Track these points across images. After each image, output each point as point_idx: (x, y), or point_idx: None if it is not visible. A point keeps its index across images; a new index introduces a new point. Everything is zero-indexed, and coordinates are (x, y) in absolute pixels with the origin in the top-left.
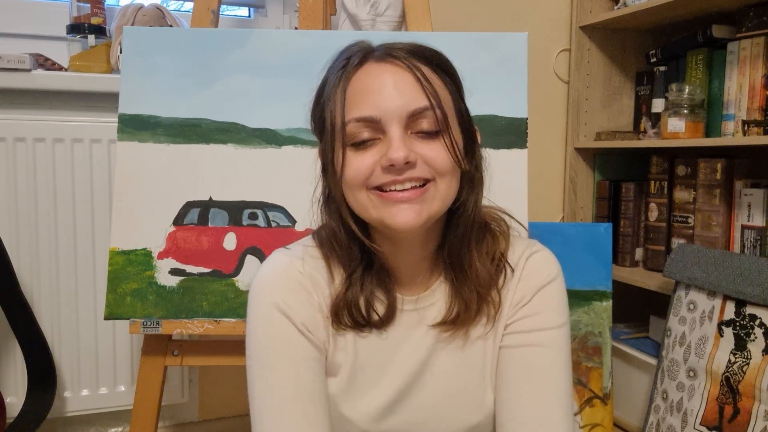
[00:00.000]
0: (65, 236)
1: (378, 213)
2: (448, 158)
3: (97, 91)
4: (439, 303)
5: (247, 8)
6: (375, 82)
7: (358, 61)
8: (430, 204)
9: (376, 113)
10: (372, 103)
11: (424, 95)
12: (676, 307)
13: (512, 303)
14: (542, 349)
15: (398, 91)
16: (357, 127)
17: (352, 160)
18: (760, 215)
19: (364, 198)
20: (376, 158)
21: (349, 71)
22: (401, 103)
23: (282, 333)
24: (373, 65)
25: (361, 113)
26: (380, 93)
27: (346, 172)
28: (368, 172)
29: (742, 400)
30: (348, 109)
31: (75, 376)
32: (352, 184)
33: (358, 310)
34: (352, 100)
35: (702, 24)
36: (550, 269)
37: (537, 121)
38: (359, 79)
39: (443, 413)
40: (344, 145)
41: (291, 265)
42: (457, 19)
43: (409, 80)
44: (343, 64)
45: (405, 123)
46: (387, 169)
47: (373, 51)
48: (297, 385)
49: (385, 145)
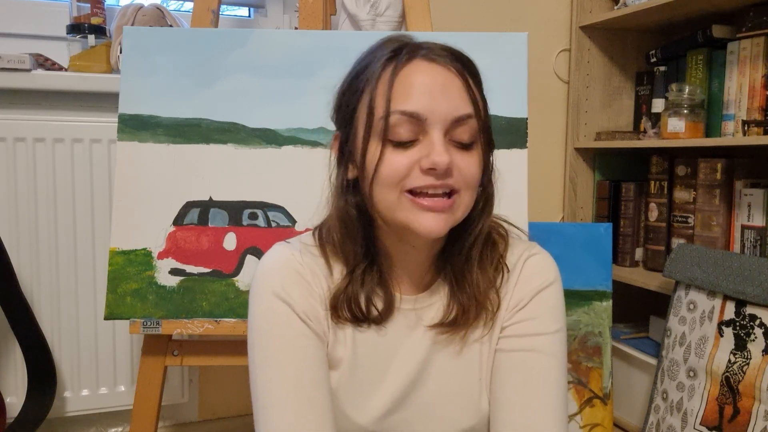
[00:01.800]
0: (65, 236)
1: (405, 216)
2: (478, 171)
3: (97, 91)
4: (437, 304)
5: (247, 8)
6: (425, 80)
7: (408, 55)
8: (454, 214)
9: (423, 111)
10: (420, 100)
11: (470, 103)
12: (676, 307)
13: (509, 306)
14: (537, 354)
15: (447, 93)
16: (400, 121)
17: (389, 157)
18: (760, 215)
19: (395, 198)
20: (415, 158)
21: (399, 63)
22: (449, 106)
23: (283, 321)
24: (423, 63)
25: (407, 107)
26: (430, 92)
27: (381, 168)
28: (406, 172)
29: (742, 400)
30: (394, 100)
31: (75, 376)
32: (384, 182)
33: (357, 305)
34: (399, 93)
35: (702, 24)
36: (548, 273)
37: (537, 121)
38: (408, 74)
39: (439, 415)
40: (383, 138)
41: (292, 257)
42: (457, 19)
43: (458, 85)
44: (390, 55)
45: (447, 127)
46: (426, 172)
47: (422, 48)
48: (300, 372)
49: (425, 147)
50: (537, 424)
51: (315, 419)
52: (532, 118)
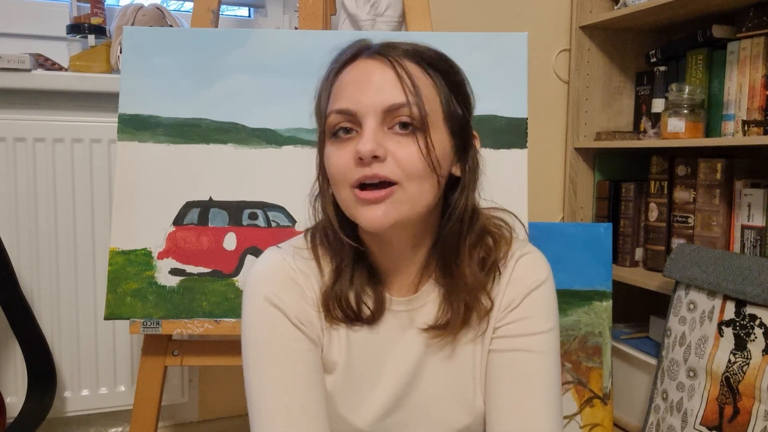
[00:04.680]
0: (65, 236)
1: (353, 211)
2: (420, 159)
3: (97, 91)
4: (429, 305)
5: (247, 8)
6: (358, 77)
7: (350, 56)
8: (397, 207)
9: (353, 106)
10: (350, 97)
11: (403, 92)
12: (676, 307)
13: (501, 306)
14: (530, 354)
15: (377, 86)
16: (336, 119)
17: (332, 154)
18: (760, 215)
19: (347, 194)
20: (352, 153)
21: (339, 66)
22: (379, 97)
23: (275, 326)
24: (362, 61)
25: (339, 105)
26: (359, 87)
27: (328, 167)
28: (346, 167)
29: (742, 400)
30: (332, 101)
31: (75, 376)
32: (335, 180)
33: (347, 304)
34: (337, 93)
35: (702, 24)
36: (540, 272)
37: (537, 121)
38: (346, 74)
39: (434, 415)
40: (326, 137)
41: (283, 262)
42: (457, 19)
43: (390, 76)
44: (336, 58)
45: (381, 118)
46: (357, 163)
47: (368, 48)
48: (293, 377)
49: (359, 139)
50: (532, 424)
51: (309, 424)
52: (532, 118)
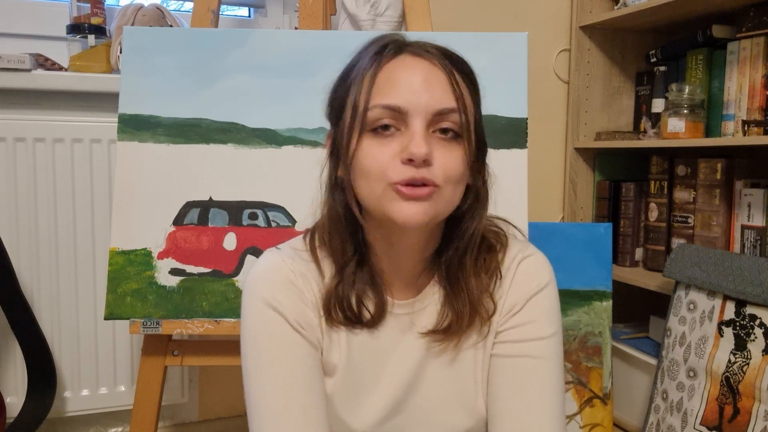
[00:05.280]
0: (65, 236)
1: (387, 206)
2: (461, 166)
3: (97, 91)
4: (430, 308)
5: (247, 8)
6: (408, 74)
7: (394, 50)
8: (434, 207)
9: (404, 104)
10: (400, 94)
11: (453, 97)
12: (676, 307)
13: (503, 311)
14: (532, 359)
15: (429, 87)
16: (381, 114)
17: (371, 149)
18: (760, 215)
19: (380, 190)
20: (396, 151)
21: (384, 59)
22: (430, 99)
23: (274, 329)
24: (408, 57)
25: (388, 101)
26: (411, 85)
27: (363, 161)
28: (387, 164)
29: (742, 400)
30: (375, 95)
31: (75, 376)
32: (369, 174)
33: (349, 306)
34: (381, 87)
35: (702, 24)
36: (542, 276)
37: (537, 121)
38: (392, 68)
39: (435, 419)
40: (362, 131)
41: (282, 264)
42: (457, 19)
43: (441, 79)
44: (378, 50)
45: (429, 120)
46: (406, 163)
47: (409, 44)
48: (292, 380)
49: (406, 138)
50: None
51: (308, 427)
52: (532, 118)
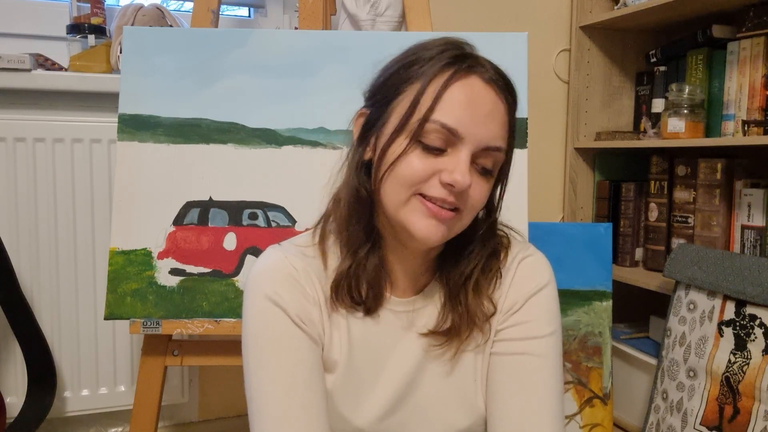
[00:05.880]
0: (65, 236)
1: (407, 216)
2: (486, 198)
3: (97, 91)
4: (430, 307)
5: (247, 8)
6: (474, 101)
7: (467, 68)
8: (450, 229)
9: (462, 130)
10: (462, 119)
11: (505, 137)
12: (676, 307)
13: (503, 310)
14: (532, 357)
15: (490, 121)
16: (437, 130)
17: (413, 158)
18: (760, 215)
19: (404, 197)
20: (437, 168)
21: (457, 74)
22: (487, 134)
23: (276, 324)
24: (478, 82)
25: (449, 122)
26: (474, 115)
27: (403, 167)
28: (425, 178)
29: (742, 400)
30: (439, 110)
31: (75, 376)
32: (401, 179)
33: (357, 287)
34: (446, 104)
35: (702, 24)
36: (542, 276)
37: (537, 121)
38: (461, 89)
39: (435, 416)
40: (415, 138)
41: (285, 260)
42: (457, 19)
43: (501, 116)
44: (450, 60)
45: (477, 152)
46: (444, 186)
47: (482, 65)
48: (293, 376)
49: (450, 162)
50: (534, 428)
51: (309, 423)
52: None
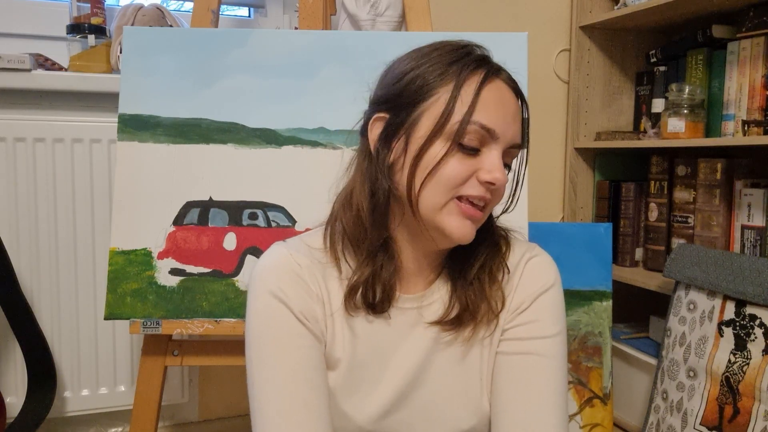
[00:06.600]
0: (65, 236)
1: (444, 218)
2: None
3: (97, 91)
4: (438, 303)
5: (247, 8)
6: (505, 101)
7: (495, 72)
8: (479, 224)
9: (498, 129)
10: (498, 119)
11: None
12: (676, 307)
13: (510, 308)
14: (538, 357)
15: (515, 120)
16: (476, 132)
17: (453, 162)
18: (760, 215)
19: (443, 200)
20: (475, 168)
21: (488, 78)
22: (515, 132)
23: (279, 320)
24: (504, 85)
25: (487, 122)
26: (506, 114)
27: (445, 170)
28: (465, 179)
29: (742, 400)
30: (477, 112)
31: (75, 376)
32: (444, 185)
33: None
34: (483, 105)
35: (702, 24)
36: (548, 276)
37: (537, 121)
38: (494, 90)
39: (439, 415)
40: (453, 141)
41: (289, 257)
42: (457, 19)
43: (520, 115)
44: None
45: (505, 150)
46: (483, 184)
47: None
48: (296, 373)
49: (484, 161)
50: (538, 427)
51: (311, 420)
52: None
